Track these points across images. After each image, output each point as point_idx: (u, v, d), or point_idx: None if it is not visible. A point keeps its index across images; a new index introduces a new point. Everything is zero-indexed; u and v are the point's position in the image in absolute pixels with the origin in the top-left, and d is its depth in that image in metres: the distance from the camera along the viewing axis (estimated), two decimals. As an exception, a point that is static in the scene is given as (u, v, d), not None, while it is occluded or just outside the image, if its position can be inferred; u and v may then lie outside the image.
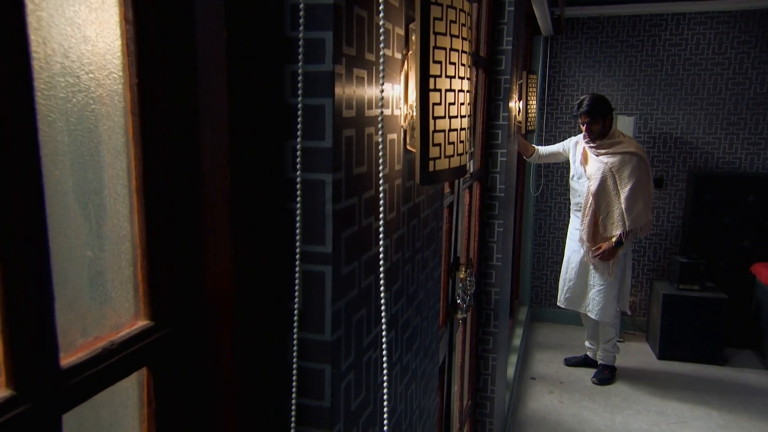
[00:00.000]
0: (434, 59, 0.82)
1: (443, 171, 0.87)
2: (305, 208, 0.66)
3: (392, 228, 0.88)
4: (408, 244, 0.99)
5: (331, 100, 0.64)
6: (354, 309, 0.74)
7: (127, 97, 0.57)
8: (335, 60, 0.64)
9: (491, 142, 2.48)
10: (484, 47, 2.35)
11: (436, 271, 1.24)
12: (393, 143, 0.87)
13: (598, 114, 3.37)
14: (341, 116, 0.66)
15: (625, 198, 3.33)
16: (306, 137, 0.64)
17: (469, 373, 2.54)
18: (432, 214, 1.16)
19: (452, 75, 0.86)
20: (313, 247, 0.66)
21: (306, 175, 0.65)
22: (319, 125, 0.64)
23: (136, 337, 0.58)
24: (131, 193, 0.58)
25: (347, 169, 0.69)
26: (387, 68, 0.82)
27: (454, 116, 0.88)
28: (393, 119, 0.87)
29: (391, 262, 0.89)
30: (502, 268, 2.57)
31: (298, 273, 0.65)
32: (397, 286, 0.93)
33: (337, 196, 0.67)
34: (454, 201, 1.87)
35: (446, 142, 0.87)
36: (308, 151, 0.65)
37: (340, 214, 0.68)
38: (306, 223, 0.66)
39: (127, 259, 0.58)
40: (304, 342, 0.67)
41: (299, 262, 0.65)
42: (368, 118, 0.76)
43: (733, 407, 3.51)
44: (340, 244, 0.68)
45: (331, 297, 0.67)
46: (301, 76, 0.62)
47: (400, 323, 0.96)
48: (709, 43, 4.32)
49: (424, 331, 1.14)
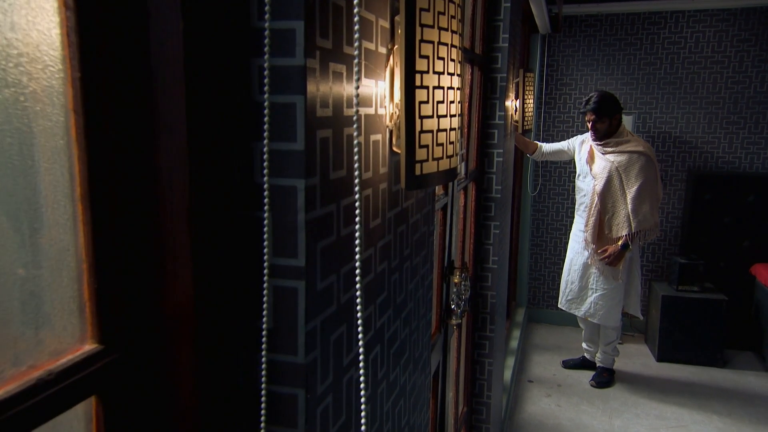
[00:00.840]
0: (420, 54, 0.76)
1: (431, 175, 0.81)
2: (275, 218, 0.60)
3: (376, 236, 0.82)
4: (395, 252, 0.92)
5: (302, 98, 0.57)
6: (332, 326, 0.67)
7: (68, 94, 0.50)
8: (307, 53, 0.57)
9: (487, 142, 2.42)
10: (479, 44, 2.29)
11: (427, 278, 1.18)
12: (377, 144, 0.81)
13: (604, 112, 3.30)
14: (315, 115, 0.60)
15: (632, 198, 3.26)
16: (275, 139, 0.58)
17: (465, 378, 2.48)
18: (422, 218, 1.10)
19: (441, 71, 0.80)
20: (284, 260, 0.60)
21: (275, 180, 0.59)
22: (290, 125, 0.58)
23: (81, 363, 0.52)
24: (74, 201, 0.51)
25: (323, 174, 0.63)
26: (369, 63, 0.76)
27: (442, 115, 0.82)
28: (377, 119, 0.80)
29: (375, 273, 0.83)
30: (498, 271, 2.51)
31: (267, 289, 0.59)
32: (382, 298, 0.87)
33: (312, 204, 0.61)
34: (448, 203, 1.81)
35: (434, 143, 0.80)
36: (278, 155, 0.58)
37: (314, 224, 0.62)
38: (276, 233, 0.60)
39: (70, 276, 0.52)
40: (274, 364, 0.61)
41: (268, 276, 0.59)
42: (347, 117, 0.70)
43: (733, 410, 3.45)
44: (314, 257, 0.62)
45: (305, 315, 0.60)
46: (267, 70, 0.55)
47: (386, 337, 0.89)
48: (709, 41, 4.26)
49: (413, 343, 1.08)
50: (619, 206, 3.33)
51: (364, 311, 0.78)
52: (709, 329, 3.96)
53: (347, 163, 0.70)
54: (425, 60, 0.77)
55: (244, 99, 0.57)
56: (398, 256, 0.94)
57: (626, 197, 3.28)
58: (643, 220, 3.27)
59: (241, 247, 0.60)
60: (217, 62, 0.55)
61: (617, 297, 3.49)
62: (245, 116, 0.58)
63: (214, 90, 0.55)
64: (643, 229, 3.30)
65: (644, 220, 3.27)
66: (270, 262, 0.60)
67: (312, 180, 0.60)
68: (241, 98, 0.57)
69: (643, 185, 3.25)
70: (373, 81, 0.78)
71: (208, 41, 0.54)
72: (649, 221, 3.29)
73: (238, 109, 0.57)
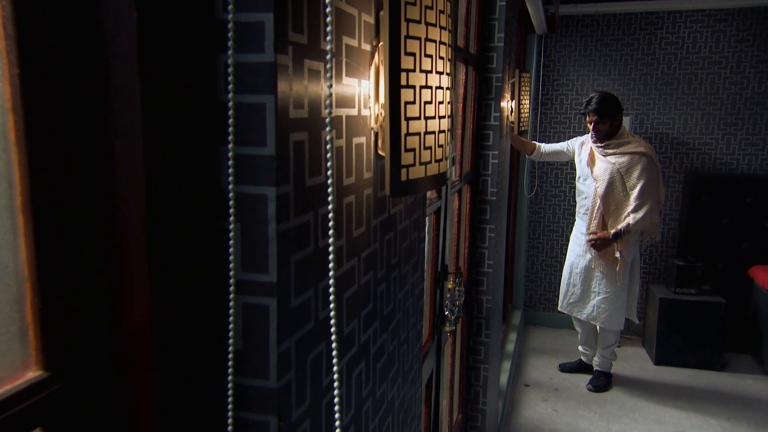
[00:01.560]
0: (406, 51, 0.71)
1: (418, 180, 0.76)
2: (244, 229, 0.55)
3: (360, 245, 0.77)
4: (382, 262, 0.87)
5: (272, 98, 0.52)
6: (309, 345, 0.62)
7: (5, 92, 0.45)
8: (278, 49, 0.52)
9: (482, 144, 2.37)
10: (474, 44, 2.24)
11: (418, 286, 1.13)
12: (360, 148, 0.75)
13: (606, 113, 3.26)
14: (288, 117, 0.55)
15: (634, 198, 3.22)
16: (241, 143, 0.53)
17: (460, 385, 2.43)
18: (412, 224, 1.05)
19: (428, 69, 0.75)
20: (253, 275, 0.55)
21: (243, 188, 0.53)
22: (259, 128, 0.53)
23: (24, 393, 0.46)
24: (14, 212, 0.46)
25: (298, 181, 0.58)
26: (351, 61, 0.71)
27: (430, 117, 0.77)
28: (361, 120, 0.75)
29: (359, 285, 0.77)
30: (493, 275, 2.46)
31: (233, 306, 0.54)
32: (367, 311, 0.81)
33: (284, 214, 0.55)
34: (442, 206, 1.76)
35: (421, 146, 0.75)
36: (246, 160, 0.53)
37: (288, 235, 0.56)
38: (245, 246, 0.55)
39: (9, 297, 0.47)
40: (243, 389, 0.56)
41: (234, 293, 0.53)
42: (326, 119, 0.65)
43: (731, 414, 3.41)
44: (288, 271, 0.57)
45: (277, 334, 0.55)
46: (231, 67, 0.50)
47: (371, 352, 0.84)
48: (706, 42, 4.23)
49: (402, 355, 1.03)
50: (622, 208, 3.29)
51: (346, 326, 0.73)
52: (707, 332, 3.92)
53: (326, 169, 0.65)
54: (411, 58, 0.72)
55: (207, 99, 0.52)
56: (385, 266, 0.89)
57: (629, 198, 3.24)
58: (644, 219, 3.22)
59: (205, 261, 0.54)
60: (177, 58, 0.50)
61: (620, 300, 3.45)
62: (209, 118, 0.53)
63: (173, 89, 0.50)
64: (640, 227, 3.26)
65: (644, 219, 3.22)
66: (238, 278, 0.55)
67: (284, 187, 0.55)
68: (204, 98, 0.52)
69: (645, 186, 3.21)
70: (356, 80, 0.73)
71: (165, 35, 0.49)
72: (647, 220, 3.24)
73: (201, 111, 0.52)
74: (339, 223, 0.69)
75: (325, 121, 0.65)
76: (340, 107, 0.68)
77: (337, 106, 0.67)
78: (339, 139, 0.68)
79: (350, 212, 0.73)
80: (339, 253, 0.70)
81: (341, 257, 0.70)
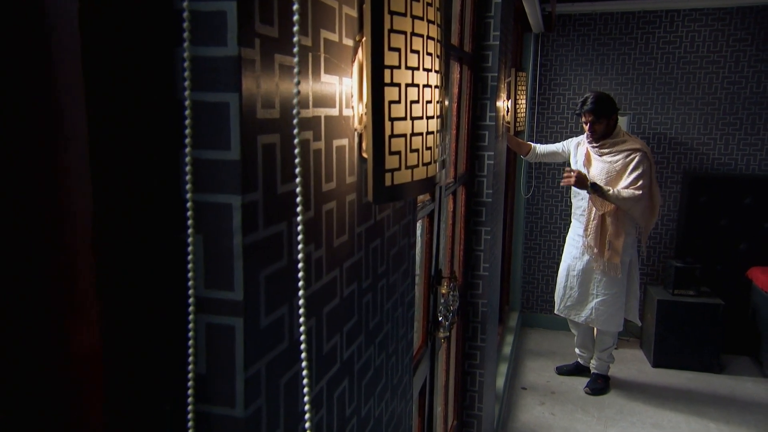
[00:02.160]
0: (390, 46, 0.65)
1: (405, 185, 0.70)
2: (207, 242, 0.49)
3: (342, 255, 0.72)
4: (367, 271, 0.82)
5: (236, 96, 0.47)
6: (283, 367, 0.57)
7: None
8: (243, 42, 0.47)
9: (477, 144, 2.32)
10: (468, 42, 2.19)
11: (408, 295, 1.08)
12: (342, 151, 0.70)
13: (602, 113, 3.21)
14: (255, 117, 0.50)
15: (628, 182, 3.15)
16: (202, 146, 0.47)
17: (455, 390, 2.38)
18: (401, 230, 1.00)
19: (415, 66, 0.70)
20: (217, 292, 0.50)
21: (204, 197, 0.48)
22: (221, 130, 0.47)
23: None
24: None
25: (268, 188, 0.52)
26: (331, 56, 0.65)
27: (417, 117, 0.72)
28: (342, 121, 0.70)
29: (341, 298, 0.72)
30: (489, 278, 2.41)
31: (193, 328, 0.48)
32: (351, 325, 0.76)
33: (252, 224, 0.50)
34: (435, 209, 1.71)
35: (408, 149, 0.70)
36: (207, 166, 0.48)
37: (256, 248, 0.51)
38: (208, 261, 0.49)
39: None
40: (206, 418, 0.51)
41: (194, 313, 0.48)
42: (302, 120, 0.59)
43: (730, 418, 3.37)
44: (257, 287, 0.51)
45: (244, 357, 0.50)
46: (187, 62, 0.45)
47: (356, 368, 0.79)
48: (704, 41, 4.19)
49: (391, 368, 0.98)
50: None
51: (326, 343, 0.68)
52: (706, 334, 3.88)
53: (303, 174, 0.60)
54: (396, 53, 0.66)
55: (163, 98, 0.47)
56: (371, 275, 0.84)
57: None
58: (629, 199, 3.13)
59: (162, 277, 0.49)
60: (129, 52, 0.44)
61: (619, 302, 3.40)
62: (165, 119, 0.47)
63: (123, 87, 0.45)
64: (623, 207, 3.16)
65: (630, 200, 3.13)
66: (200, 295, 0.50)
67: (252, 195, 0.50)
68: (158, 97, 0.47)
69: (640, 176, 3.14)
70: (337, 77, 0.67)
71: (115, 25, 0.43)
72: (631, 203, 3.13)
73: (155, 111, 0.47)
74: (317, 232, 0.64)
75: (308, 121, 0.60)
76: (318, 107, 0.63)
77: (315, 106, 0.62)
78: (317, 142, 0.63)
79: (330, 220, 0.68)
80: (318, 265, 0.64)
81: (320, 269, 0.65)
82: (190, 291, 0.48)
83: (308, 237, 0.61)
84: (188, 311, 0.48)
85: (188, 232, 0.47)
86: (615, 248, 3.29)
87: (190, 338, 0.48)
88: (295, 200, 0.57)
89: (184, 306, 0.49)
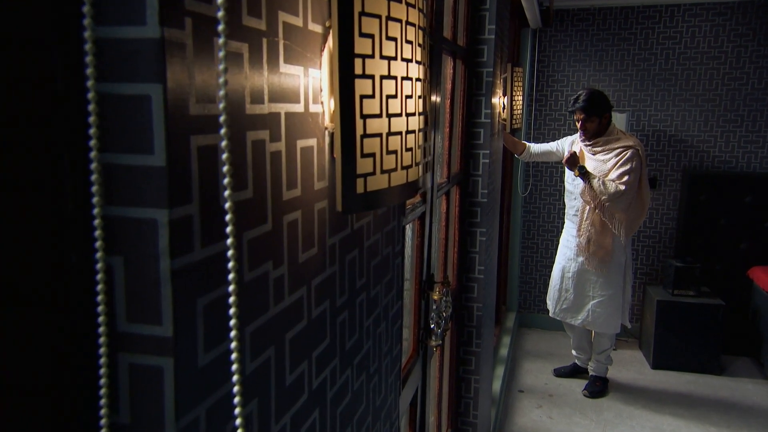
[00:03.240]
0: (362, 31, 0.56)
1: (380, 192, 0.62)
2: (128, 266, 0.40)
3: (310, 271, 0.63)
4: (342, 286, 0.73)
5: (160, 88, 0.38)
6: (230, 411, 0.48)
7: None
8: (168, 21, 0.38)
9: (472, 142, 2.23)
10: (463, 36, 2.10)
11: (393, 307, 0.99)
12: (309, 152, 0.61)
13: (593, 111, 3.13)
14: (188, 114, 0.41)
15: (615, 177, 3.07)
16: (118, 149, 0.39)
17: (449, 397, 2.30)
18: (384, 238, 0.91)
19: (392, 56, 0.61)
20: (141, 327, 0.41)
21: (122, 211, 0.39)
22: (141, 129, 0.38)
23: None
24: None
25: (206, 199, 0.44)
26: (293, 44, 0.57)
27: (395, 114, 0.63)
28: (309, 118, 0.61)
29: (310, 320, 0.63)
30: (485, 281, 2.33)
31: (104, 371, 0.39)
32: (321, 349, 0.67)
33: (184, 244, 0.41)
34: (427, 211, 1.62)
35: (384, 150, 0.61)
36: (124, 173, 0.39)
37: (192, 272, 0.42)
38: (129, 288, 0.41)
39: None
40: (132, 479, 0.42)
41: (105, 355, 0.39)
42: (256, 117, 0.51)
43: (731, 421, 3.30)
44: (192, 319, 0.43)
45: (176, 404, 0.41)
46: (89, 43, 0.36)
47: (329, 396, 0.70)
48: (705, 36, 4.10)
49: (373, 390, 0.89)
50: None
51: (289, 373, 0.59)
52: (706, 335, 3.81)
53: (256, 181, 0.51)
54: (368, 40, 0.57)
55: (68, 90, 0.38)
56: (347, 291, 0.75)
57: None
58: (613, 193, 3.04)
59: (71, 309, 0.40)
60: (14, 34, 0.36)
61: (616, 304, 3.32)
62: (71, 115, 0.38)
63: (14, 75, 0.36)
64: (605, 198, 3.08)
65: (615, 194, 3.05)
66: (122, 330, 0.41)
67: (183, 209, 0.41)
68: (63, 89, 0.38)
69: (627, 171, 3.06)
70: (301, 68, 0.59)
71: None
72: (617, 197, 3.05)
73: (60, 105, 0.38)
74: (276, 247, 0.55)
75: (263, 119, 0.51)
76: (276, 102, 0.54)
77: (273, 101, 0.53)
78: (276, 142, 0.54)
79: (294, 232, 0.59)
80: (278, 285, 0.56)
81: (281, 289, 0.56)
82: (100, 327, 0.39)
83: (263, 254, 0.52)
84: (99, 350, 0.39)
85: (96, 256, 0.38)
86: (599, 242, 3.21)
87: (101, 384, 0.39)
88: (246, 212, 0.48)
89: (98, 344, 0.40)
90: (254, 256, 0.51)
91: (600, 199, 3.11)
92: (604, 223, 3.19)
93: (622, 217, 3.18)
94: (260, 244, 0.52)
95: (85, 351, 0.42)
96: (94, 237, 0.38)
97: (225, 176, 0.40)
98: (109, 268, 0.40)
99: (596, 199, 3.13)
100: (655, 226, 4.38)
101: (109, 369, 0.40)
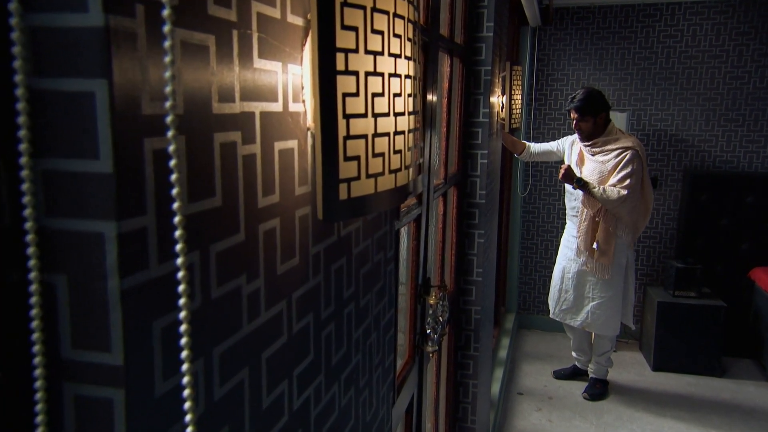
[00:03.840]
0: (344, 24, 0.52)
1: (366, 198, 0.57)
2: (72, 285, 0.36)
3: (290, 283, 0.58)
4: (327, 298, 0.69)
5: (105, 83, 0.33)
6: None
7: None
8: (113, 8, 0.33)
9: (470, 142, 2.18)
10: (460, 33, 2.05)
11: (385, 317, 0.94)
12: (289, 155, 0.57)
13: (587, 111, 3.07)
14: (140, 114, 0.36)
15: (616, 180, 3.02)
16: (58, 153, 0.34)
17: (446, 402, 2.25)
18: (374, 244, 0.86)
19: (378, 50, 0.56)
20: (88, 354, 0.36)
21: (63, 223, 0.35)
22: (84, 131, 0.34)
23: None
24: None
25: (164, 209, 0.39)
26: (269, 37, 0.52)
27: (382, 114, 0.58)
28: (289, 118, 0.56)
29: (290, 336, 0.59)
30: (483, 284, 2.28)
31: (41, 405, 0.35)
32: (304, 366, 0.63)
33: (138, 260, 0.37)
34: (423, 213, 1.58)
35: (370, 153, 0.57)
36: (66, 180, 0.34)
37: (146, 292, 0.38)
38: (74, 310, 0.36)
39: None
40: None
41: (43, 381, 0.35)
42: (226, 117, 0.46)
43: (733, 424, 3.26)
44: (148, 344, 0.38)
45: (129, 441, 0.37)
46: (17, 31, 0.31)
47: (312, 416, 0.66)
48: (706, 35, 4.06)
49: (362, 405, 0.84)
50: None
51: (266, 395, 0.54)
52: (707, 337, 3.77)
53: (226, 187, 0.46)
54: (351, 33, 0.53)
55: None
56: (333, 302, 0.70)
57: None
58: (615, 199, 3.00)
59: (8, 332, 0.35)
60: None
61: (615, 305, 3.28)
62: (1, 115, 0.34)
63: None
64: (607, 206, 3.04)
65: (617, 200, 3.00)
66: (66, 358, 0.36)
67: (136, 221, 0.36)
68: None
69: (628, 174, 3.02)
70: (279, 64, 0.54)
71: None
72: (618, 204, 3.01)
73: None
74: (250, 259, 0.50)
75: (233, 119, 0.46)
76: (249, 100, 0.49)
77: (245, 99, 0.49)
78: (249, 145, 0.49)
79: (272, 241, 0.54)
80: (252, 300, 0.51)
81: (256, 305, 0.52)
82: (36, 354, 0.34)
83: (234, 267, 0.48)
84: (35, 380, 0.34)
85: (30, 276, 0.34)
86: (604, 250, 3.16)
87: (38, 423, 0.34)
88: (213, 222, 0.44)
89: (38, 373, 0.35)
90: (224, 269, 0.46)
91: (604, 206, 3.07)
92: (606, 227, 3.14)
93: (627, 220, 3.13)
94: (231, 257, 0.47)
95: (28, 381, 0.37)
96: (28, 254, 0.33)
97: (174, 186, 0.35)
98: (51, 287, 0.36)
99: (598, 207, 3.09)
100: (655, 227, 4.33)
101: (50, 401, 0.36)
